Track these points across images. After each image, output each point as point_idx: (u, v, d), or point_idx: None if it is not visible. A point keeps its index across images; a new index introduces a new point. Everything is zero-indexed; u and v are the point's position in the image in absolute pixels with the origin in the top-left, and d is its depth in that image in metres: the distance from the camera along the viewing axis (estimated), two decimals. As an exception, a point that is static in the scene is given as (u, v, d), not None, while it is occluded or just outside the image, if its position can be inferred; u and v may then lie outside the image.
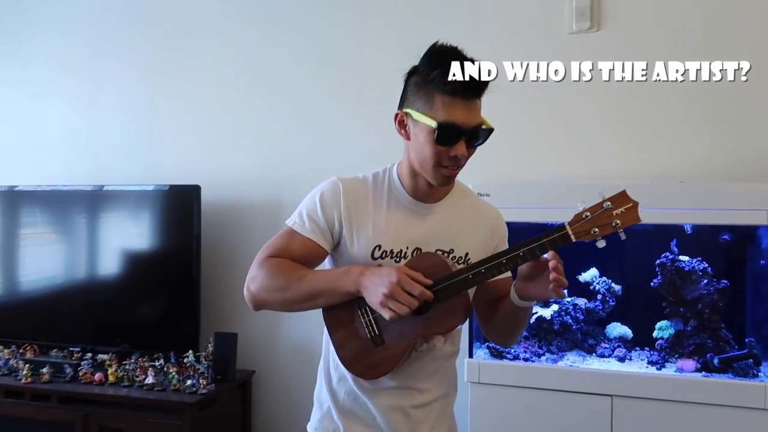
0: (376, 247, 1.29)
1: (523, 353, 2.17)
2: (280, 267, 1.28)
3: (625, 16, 2.32)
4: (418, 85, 1.23)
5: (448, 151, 1.21)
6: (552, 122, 2.40)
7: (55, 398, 2.52)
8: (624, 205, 1.16)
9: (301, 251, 1.30)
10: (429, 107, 1.21)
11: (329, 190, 1.33)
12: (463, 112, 1.20)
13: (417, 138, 1.25)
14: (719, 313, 2.05)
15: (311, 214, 1.32)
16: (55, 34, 3.11)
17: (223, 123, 2.84)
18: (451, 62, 1.19)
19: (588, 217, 1.17)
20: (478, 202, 1.44)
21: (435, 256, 1.28)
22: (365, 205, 1.32)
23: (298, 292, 1.26)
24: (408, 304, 1.16)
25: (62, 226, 2.90)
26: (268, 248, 1.32)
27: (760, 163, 2.18)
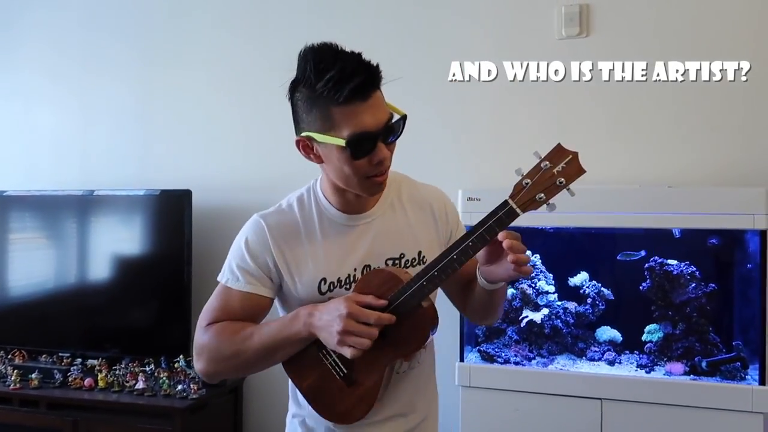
0: (321, 281, 1.19)
1: (513, 357, 2.18)
2: (223, 333, 1.17)
3: (614, 22, 2.34)
4: (308, 103, 1.10)
5: (369, 160, 1.09)
6: (541, 127, 2.42)
7: (44, 404, 2.50)
8: (563, 159, 1.05)
9: (243, 308, 1.19)
10: (330, 125, 1.07)
11: (253, 233, 1.21)
12: (368, 115, 1.06)
13: (330, 159, 1.12)
14: (707, 316, 2.07)
15: (241, 265, 1.20)
16: (44, 44, 3.10)
17: (214, 127, 2.84)
18: (330, 66, 1.05)
19: (528, 184, 1.06)
20: (415, 190, 1.30)
21: (381, 272, 1.17)
22: (297, 239, 1.20)
23: (251, 355, 1.15)
24: (367, 335, 1.06)
25: (52, 231, 2.89)
26: (206, 314, 1.21)
27: (747, 168, 2.20)
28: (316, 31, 2.70)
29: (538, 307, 2.25)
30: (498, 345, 2.23)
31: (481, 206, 2.12)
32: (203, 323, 1.21)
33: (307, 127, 1.12)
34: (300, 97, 1.12)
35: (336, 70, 1.04)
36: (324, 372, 1.19)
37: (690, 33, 2.27)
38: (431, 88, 2.50)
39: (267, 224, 1.22)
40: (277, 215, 1.24)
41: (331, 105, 1.06)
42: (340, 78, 1.04)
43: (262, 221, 1.22)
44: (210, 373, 1.20)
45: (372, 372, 1.16)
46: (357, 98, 1.05)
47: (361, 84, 1.04)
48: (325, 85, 1.05)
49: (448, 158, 2.50)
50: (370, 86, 1.06)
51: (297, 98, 1.14)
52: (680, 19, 2.28)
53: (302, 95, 1.11)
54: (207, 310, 1.22)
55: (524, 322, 2.22)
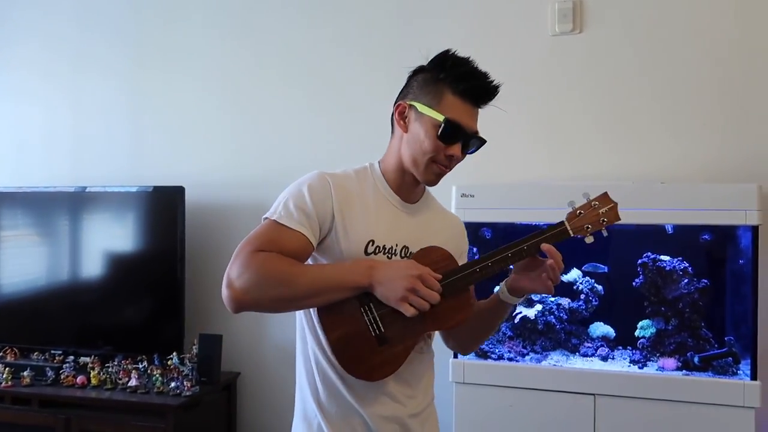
0: (370, 242, 1.24)
1: (507, 353, 2.19)
2: (274, 261, 1.14)
3: (608, 18, 2.35)
4: (427, 81, 1.24)
5: (446, 149, 1.22)
6: (535, 125, 2.42)
7: (36, 402, 2.49)
8: (607, 204, 1.27)
9: (291, 246, 1.18)
10: (437, 102, 1.22)
11: (318, 182, 1.24)
12: (468, 116, 1.23)
13: (417, 131, 1.24)
14: (699, 312, 2.08)
15: (301, 206, 1.21)
16: (36, 42, 3.09)
17: (207, 124, 2.83)
18: (464, 65, 1.23)
19: (582, 215, 1.26)
20: (443, 208, 1.44)
21: (439, 250, 1.26)
22: (353, 200, 1.26)
23: (298, 288, 1.15)
24: (429, 299, 1.15)
25: (44, 228, 2.87)
26: (253, 241, 1.17)
27: (740, 164, 2.21)
28: (306, 29, 2.70)
29: (532, 303, 2.26)
30: (492, 341, 2.24)
31: (475, 202, 2.12)
32: (249, 248, 1.15)
33: (414, 98, 1.25)
34: (421, 76, 1.26)
35: (468, 68, 1.23)
36: (360, 326, 1.20)
37: (682, 30, 2.28)
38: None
39: (331, 179, 1.26)
40: (338, 176, 1.29)
41: (447, 89, 1.22)
42: (470, 74, 1.22)
43: (327, 176, 1.27)
44: (244, 300, 1.13)
45: (405, 338, 1.22)
46: (469, 98, 1.23)
47: (480, 91, 1.23)
48: (453, 72, 1.22)
49: (442, 155, 2.50)
50: (483, 98, 1.24)
51: (417, 77, 1.27)
52: (672, 16, 2.29)
53: (424, 76, 1.26)
54: (254, 239, 1.17)
55: (518, 318, 2.23)
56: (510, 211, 2.11)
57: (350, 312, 1.20)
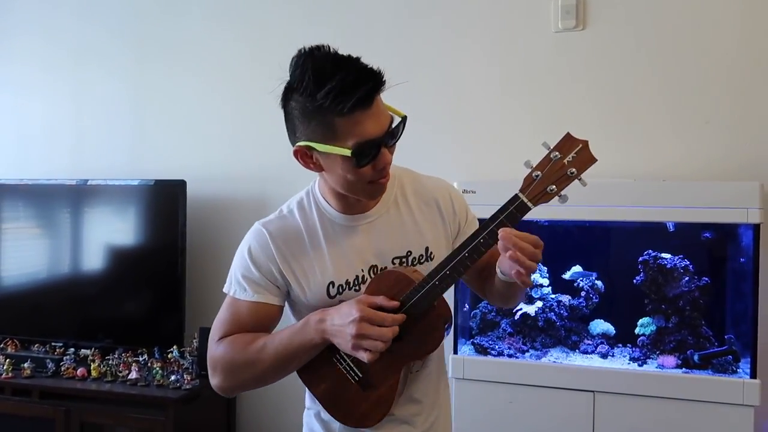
0: (330, 284, 1.17)
1: (507, 349, 2.19)
2: (235, 346, 1.15)
3: (611, 14, 2.34)
4: (306, 113, 1.05)
5: (373, 166, 1.07)
6: (537, 120, 2.42)
7: (36, 393, 2.49)
8: (573, 149, 1.01)
9: (253, 318, 1.17)
10: (332, 135, 1.04)
11: (256, 242, 1.18)
12: (371, 123, 1.03)
13: (332, 168, 1.09)
14: (700, 310, 2.08)
15: (247, 275, 1.18)
16: (37, 34, 3.08)
17: (209, 118, 2.83)
18: (330, 78, 1.01)
19: (539, 177, 1.03)
20: (419, 184, 1.26)
21: (391, 273, 1.15)
22: (301, 246, 1.18)
23: (266, 365, 1.13)
24: (381, 338, 1.05)
25: (45, 221, 2.87)
26: (217, 328, 1.19)
27: (741, 162, 2.21)
28: (308, 24, 2.70)
29: (532, 300, 2.25)
30: (492, 338, 2.24)
31: (477, 198, 2.11)
32: (215, 337, 1.19)
33: (305, 137, 1.08)
34: (296, 106, 1.07)
35: (337, 80, 1.00)
36: (339, 377, 1.17)
37: (686, 27, 2.27)
38: (427, 81, 2.49)
39: (269, 232, 1.19)
40: (278, 221, 1.21)
41: (333, 116, 1.02)
42: (342, 89, 1.00)
43: (264, 230, 1.19)
44: (226, 388, 1.18)
45: (388, 375, 1.15)
46: (360, 107, 1.02)
47: (363, 95, 1.01)
48: (326, 95, 1.00)
49: (444, 150, 2.50)
50: (371, 96, 1.03)
51: (292, 107, 1.09)
52: (676, 13, 2.28)
53: (299, 104, 1.07)
54: (217, 323, 1.21)
55: (518, 314, 2.23)
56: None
57: (325, 365, 1.17)
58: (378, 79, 1.03)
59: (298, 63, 1.06)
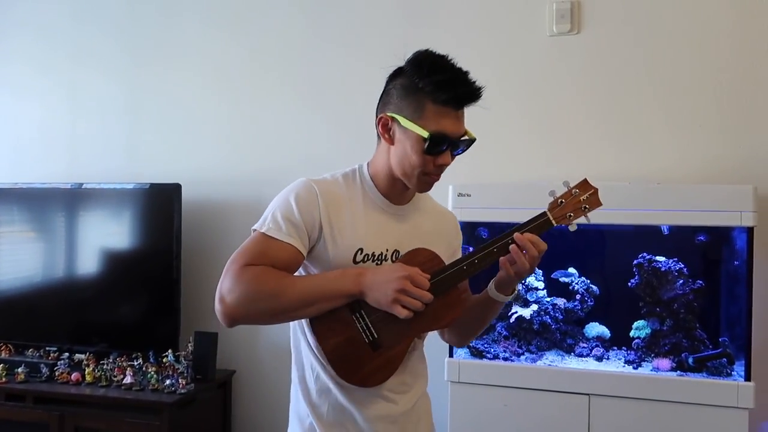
0: (358, 250, 1.24)
1: (502, 353, 2.19)
2: (265, 275, 1.16)
3: (606, 18, 2.35)
4: (407, 90, 1.20)
5: (434, 160, 1.20)
6: (533, 124, 2.43)
7: (30, 398, 2.48)
8: (588, 191, 1.28)
9: (280, 258, 1.19)
10: (419, 116, 1.18)
11: (304, 191, 1.24)
12: (452, 123, 1.19)
13: (403, 145, 1.21)
14: (694, 312, 2.09)
15: (288, 216, 1.21)
16: (32, 38, 3.08)
17: (204, 121, 2.83)
18: (443, 71, 1.18)
19: (563, 203, 1.26)
20: (437, 205, 1.43)
21: (426, 251, 1.25)
22: (342, 207, 1.25)
23: (289, 300, 1.16)
24: (421, 298, 1.15)
25: (40, 225, 2.86)
26: (243, 256, 1.18)
27: (735, 165, 2.22)
28: (304, 27, 2.70)
29: (528, 303, 2.26)
30: (487, 341, 2.24)
31: (472, 201, 2.12)
32: (239, 263, 1.17)
33: (395, 110, 1.21)
34: (400, 83, 1.22)
35: (448, 73, 1.18)
36: (353, 334, 1.21)
37: (680, 31, 2.28)
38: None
39: (318, 186, 1.25)
40: (325, 183, 1.27)
41: (428, 100, 1.17)
42: (450, 81, 1.17)
43: (314, 184, 1.25)
44: (236, 314, 1.16)
45: (399, 341, 1.23)
46: (452, 105, 1.18)
47: (461, 96, 1.18)
48: (432, 81, 1.16)
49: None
50: (466, 102, 1.20)
51: (396, 83, 1.23)
52: (670, 17, 2.29)
53: (403, 82, 1.21)
54: (243, 253, 1.19)
55: (513, 317, 2.23)
56: (506, 210, 2.10)
57: (342, 320, 1.21)
58: (477, 92, 1.20)
59: (420, 55, 1.22)
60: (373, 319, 1.20)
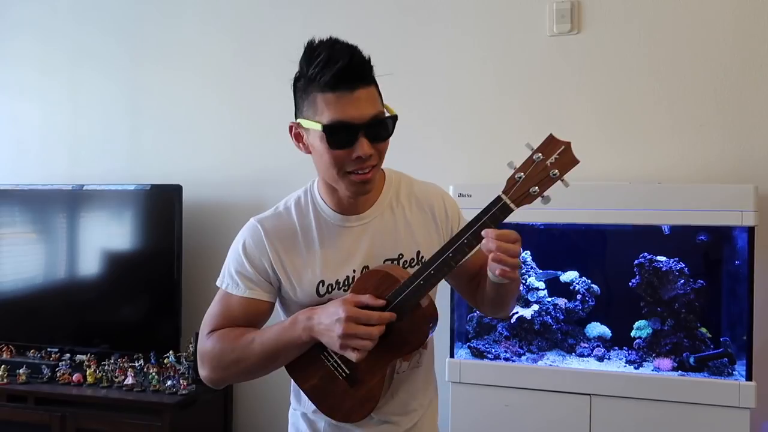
0: (320, 283, 1.18)
1: (503, 353, 2.19)
2: (224, 340, 1.17)
3: (606, 18, 2.35)
4: (302, 90, 1.10)
5: (348, 153, 1.07)
6: (533, 124, 2.42)
7: (31, 399, 2.48)
8: (555, 151, 1.01)
9: (244, 313, 1.19)
10: (314, 111, 1.07)
11: (250, 238, 1.20)
12: (352, 106, 1.04)
13: (314, 148, 1.11)
14: (695, 312, 2.09)
15: (240, 271, 1.20)
16: (33, 38, 3.08)
17: (205, 122, 2.83)
18: (318, 56, 1.05)
19: (521, 178, 1.03)
20: (414, 189, 1.27)
21: (378, 272, 1.15)
22: (294, 245, 1.19)
23: (253, 360, 1.15)
24: (368, 336, 1.05)
25: (41, 226, 2.86)
26: (208, 321, 1.22)
27: (736, 165, 2.22)
28: (304, 28, 2.70)
29: (529, 303, 2.26)
30: (488, 341, 2.24)
31: (473, 202, 2.11)
32: (205, 330, 1.21)
33: (299, 113, 1.13)
34: (299, 86, 1.12)
35: (324, 55, 1.04)
36: (326, 373, 1.19)
37: (680, 31, 2.28)
38: (422, 84, 2.50)
39: (264, 229, 1.20)
40: (274, 219, 1.22)
41: (317, 90, 1.06)
42: (326, 62, 1.04)
43: (259, 225, 1.21)
44: (214, 380, 1.21)
45: (375, 372, 1.16)
46: (342, 87, 1.04)
47: (343, 69, 1.03)
48: (314, 68, 1.05)
49: (440, 154, 2.50)
50: (355, 78, 1.05)
51: (297, 87, 1.14)
52: (670, 17, 2.29)
53: (300, 83, 1.12)
54: (208, 317, 1.23)
55: (514, 318, 2.23)
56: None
57: (313, 361, 1.19)
58: (359, 61, 1.05)
59: (305, 47, 1.10)
60: (341, 355, 1.13)
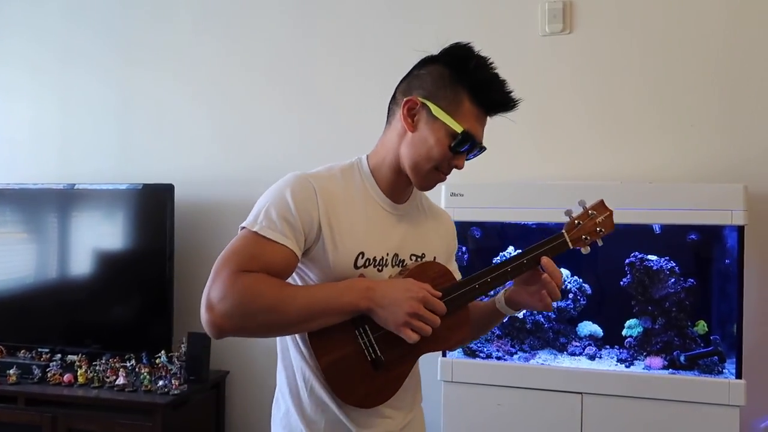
0: (360, 254, 1.13)
1: (495, 352, 2.19)
2: (261, 285, 1.03)
3: (597, 18, 2.36)
4: (444, 80, 1.13)
5: (453, 158, 1.15)
6: (525, 124, 2.42)
7: (22, 400, 2.47)
8: (603, 213, 1.25)
9: (276, 262, 1.06)
10: (454, 108, 1.12)
11: (301, 187, 1.11)
12: (481, 126, 1.18)
13: (425, 134, 1.13)
14: (686, 311, 2.10)
15: (284, 214, 1.08)
16: (24, 37, 3.06)
17: (197, 121, 2.82)
18: (488, 73, 1.16)
19: (579, 225, 1.23)
20: (433, 204, 1.37)
21: (438, 265, 1.21)
22: (341, 206, 1.14)
23: (292, 314, 1.04)
24: (432, 323, 1.07)
25: (32, 225, 2.85)
26: (234, 259, 1.04)
27: (726, 165, 2.23)
28: (293, 28, 2.70)
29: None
30: (480, 340, 2.24)
31: (465, 201, 2.12)
32: (230, 269, 1.03)
33: (428, 96, 1.14)
34: (437, 69, 1.15)
35: (493, 78, 1.16)
36: (354, 350, 1.11)
37: (672, 30, 2.29)
38: (415, 84, 2.50)
39: (316, 183, 1.13)
40: (322, 179, 1.15)
41: (466, 96, 1.13)
42: (493, 85, 1.15)
43: (309, 180, 1.13)
44: (226, 326, 1.02)
45: (403, 361, 1.16)
46: (487, 108, 1.16)
47: (503, 101, 1.16)
48: (477, 79, 1.13)
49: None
50: (500, 110, 1.18)
51: (430, 69, 1.16)
52: (662, 17, 2.30)
53: (441, 71, 1.15)
54: (234, 255, 1.05)
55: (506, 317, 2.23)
56: (499, 210, 2.11)
57: (343, 335, 1.10)
58: (514, 102, 1.19)
59: (460, 45, 1.17)
60: (378, 336, 1.11)
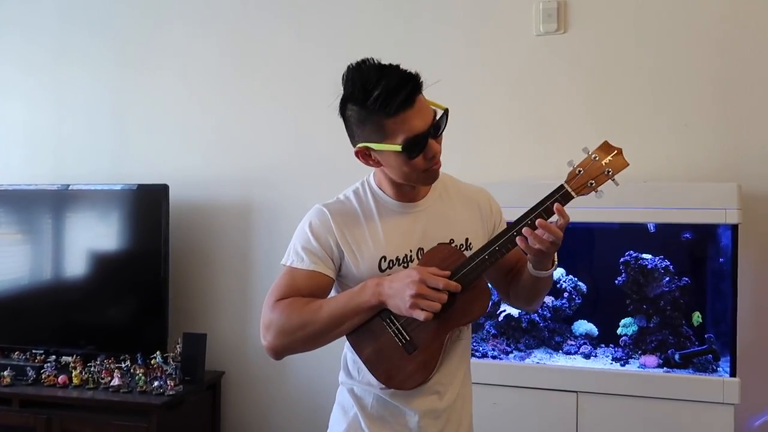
0: (382, 258, 1.27)
1: (491, 351, 2.20)
2: (292, 306, 1.23)
3: (592, 18, 2.36)
4: (360, 118, 1.21)
5: (424, 156, 1.21)
6: (523, 124, 2.44)
7: (16, 401, 2.46)
8: (609, 153, 1.23)
9: (308, 285, 1.26)
10: (383, 135, 1.19)
11: (317, 218, 1.30)
12: (416, 119, 1.18)
13: (389, 163, 1.24)
14: (680, 309, 2.11)
15: (306, 246, 1.28)
16: (19, 37, 3.05)
17: (191, 122, 2.81)
18: (376, 84, 1.17)
19: (581, 172, 1.22)
20: (463, 186, 1.42)
21: (445, 247, 1.27)
22: (357, 222, 1.30)
23: (319, 325, 1.21)
24: (437, 299, 1.16)
25: (26, 226, 2.83)
26: (273, 292, 1.27)
27: (720, 164, 2.24)
28: (290, 29, 2.69)
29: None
30: (476, 339, 2.25)
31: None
32: (271, 300, 1.26)
33: (362, 139, 1.23)
34: (352, 114, 1.23)
35: (382, 87, 1.16)
36: (386, 340, 1.24)
37: (666, 30, 2.30)
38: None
39: (329, 210, 1.30)
40: (336, 204, 1.33)
41: (382, 118, 1.17)
42: (387, 94, 1.15)
43: (324, 208, 1.31)
44: (277, 348, 1.25)
45: (432, 340, 1.23)
46: (405, 107, 1.16)
47: (406, 96, 1.16)
48: (375, 102, 1.16)
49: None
50: (414, 95, 1.17)
51: (349, 115, 1.25)
52: (656, 17, 2.31)
53: (353, 112, 1.23)
54: (274, 289, 1.28)
55: (502, 316, 2.24)
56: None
57: (374, 328, 1.24)
58: (416, 81, 1.19)
59: (348, 77, 1.24)
60: (403, 322, 1.23)
